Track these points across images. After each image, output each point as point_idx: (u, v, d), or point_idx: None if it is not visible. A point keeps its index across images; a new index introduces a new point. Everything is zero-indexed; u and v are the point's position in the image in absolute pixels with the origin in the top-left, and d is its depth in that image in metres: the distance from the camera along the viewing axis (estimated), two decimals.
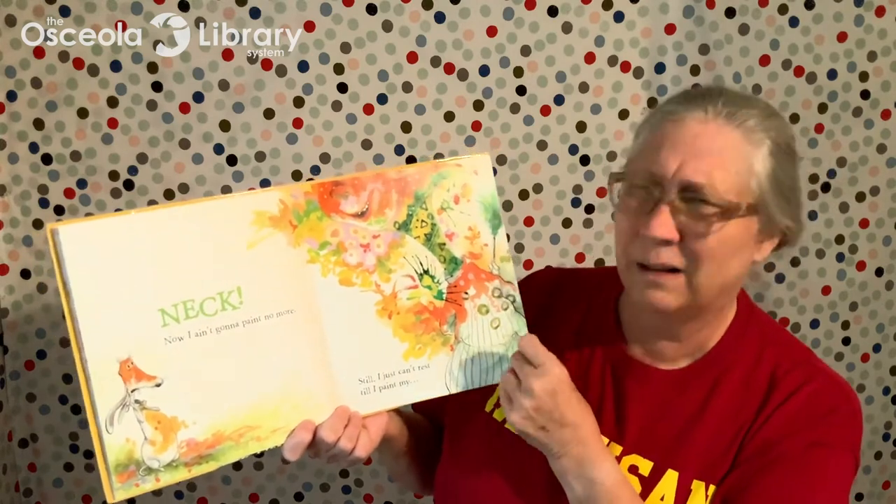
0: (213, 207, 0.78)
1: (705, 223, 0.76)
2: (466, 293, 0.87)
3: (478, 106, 1.32)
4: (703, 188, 0.76)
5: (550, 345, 0.88)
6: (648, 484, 0.82)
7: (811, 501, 0.78)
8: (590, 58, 1.31)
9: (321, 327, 0.82)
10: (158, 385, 0.75)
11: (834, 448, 0.79)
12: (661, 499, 0.81)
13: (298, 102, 1.29)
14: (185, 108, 1.28)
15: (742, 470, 0.80)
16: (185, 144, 1.29)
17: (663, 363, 0.87)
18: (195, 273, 0.77)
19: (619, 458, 0.84)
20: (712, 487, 0.80)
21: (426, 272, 0.86)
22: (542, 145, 1.34)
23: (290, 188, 0.81)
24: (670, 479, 0.81)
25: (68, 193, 1.30)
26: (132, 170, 1.30)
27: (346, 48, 1.28)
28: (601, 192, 1.36)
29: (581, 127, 1.34)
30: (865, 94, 1.36)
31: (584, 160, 1.35)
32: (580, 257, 1.39)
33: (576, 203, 1.37)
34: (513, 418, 0.80)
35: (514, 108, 1.32)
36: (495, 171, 1.33)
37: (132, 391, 0.74)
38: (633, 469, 0.83)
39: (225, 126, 1.29)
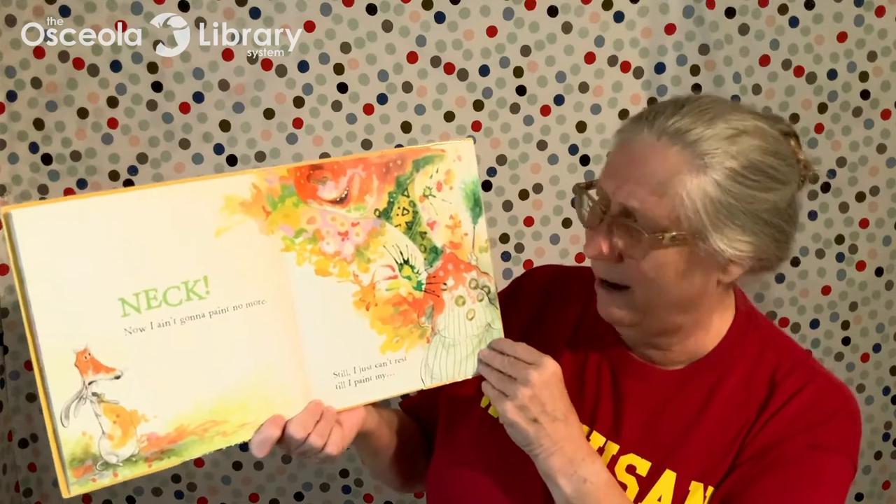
0: (178, 191, 0.74)
1: (638, 248, 0.76)
2: (445, 284, 0.85)
3: (478, 106, 1.32)
4: (636, 213, 0.75)
5: (547, 341, 0.89)
6: (646, 484, 0.82)
7: (812, 501, 0.78)
8: (590, 58, 1.31)
9: (294, 319, 0.79)
10: (118, 377, 0.72)
11: (832, 452, 0.79)
12: (659, 499, 0.81)
13: (298, 102, 1.29)
14: (185, 108, 1.28)
15: (740, 472, 0.79)
16: (185, 144, 1.29)
17: (660, 365, 0.86)
18: (158, 261, 0.73)
19: (615, 458, 0.83)
20: (710, 489, 0.80)
21: (406, 262, 0.84)
22: (542, 145, 1.34)
23: (265, 172, 0.77)
24: (668, 479, 0.81)
25: (68, 193, 1.30)
26: (132, 170, 1.30)
27: (346, 48, 1.28)
28: None
29: (581, 127, 1.34)
30: (865, 94, 1.36)
31: (584, 160, 1.35)
32: (580, 257, 1.39)
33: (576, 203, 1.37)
34: (505, 408, 0.79)
35: (514, 108, 1.32)
36: (495, 171, 1.34)
37: (89, 383, 0.71)
38: (631, 469, 0.83)
39: (225, 126, 1.29)
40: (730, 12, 1.30)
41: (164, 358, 0.74)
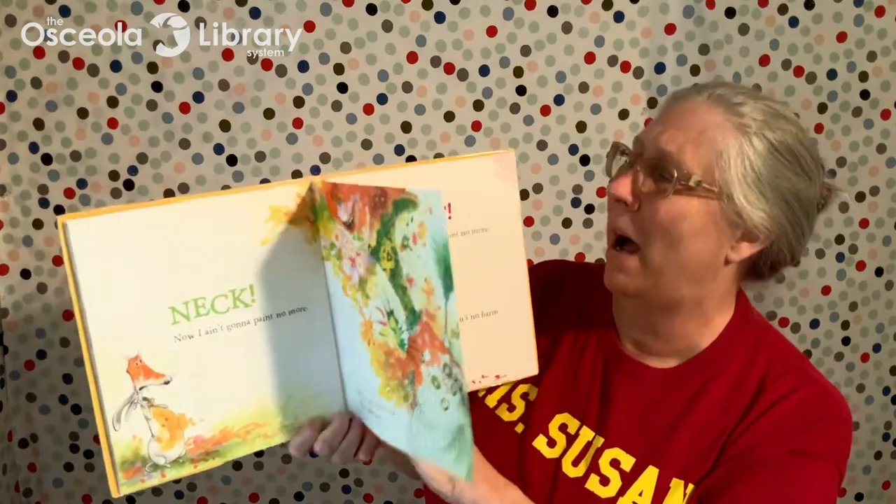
0: (226, 202, 0.76)
1: (661, 192, 0.77)
2: (423, 356, 0.71)
3: (478, 106, 1.32)
4: (671, 156, 0.77)
5: (549, 332, 0.92)
6: (628, 479, 0.82)
7: None
8: (590, 58, 1.31)
9: (333, 326, 0.81)
10: (167, 383, 0.74)
11: (816, 458, 0.78)
12: (640, 494, 0.81)
13: (298, 102, 1.29)
14: (185, 108, 1.28)
15: (721, 471, 0.79)
16: (185, 144, 1.29)
17: (654, 360, 0.87)
18: (207, 270, 0.75)
19: (600, 451, 0.84)
20: (691, 486, 0.80)
21: (391, 313, 0.73)
22: (542, 145, 1.34)
23: (306, 182, 0.79)
24: (650, 475, 0.81)
25: (68, 193, 1.30)
26: (132, 170, 1.30)
27: (346, 48, 1.28)
28: (601, 192, 1.36)
29: (581, 127, 1.34)
30: (865, 94, 1.36)
31: (584, 160, 1.35)
32: (580, 257, 1.39)
33: (576, 203, 1.37)
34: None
35: (514, 108, 1.32)
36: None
37: (140, 388, 0.73)
38: (615, 463, 0.83)
39: (225, 126, 1.29)
40: (730, 12, 1.31)
41: (210, 364, 0.76)
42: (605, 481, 0.82)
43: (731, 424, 0.80)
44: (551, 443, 0.86)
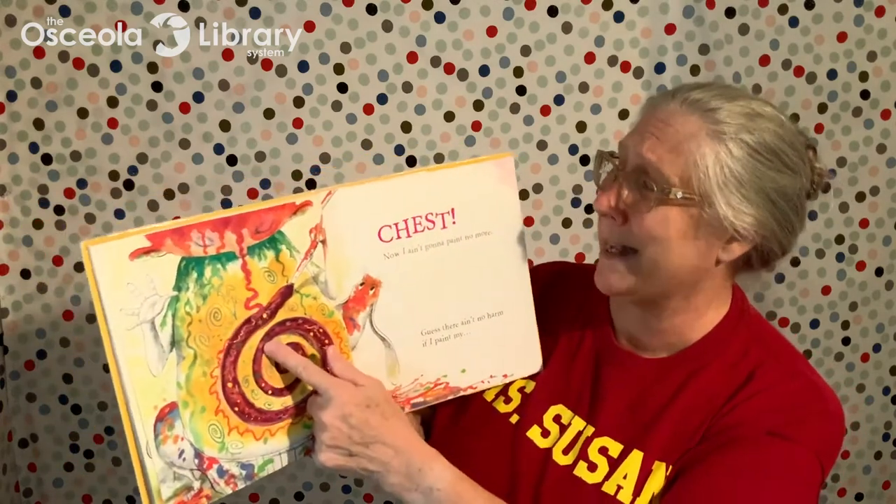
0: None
1: (645, 202, 0.78)
2: None
3: (478, 106, 1.32)
4: (651, 166, 0.78)
5: (547, 330, 0.93)
6: (615, 464, 0.83)
7: (759, 488, 0.76)
8: (590, 58, 1.31)
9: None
10: None
11: (794, 442, 0.78)
12: (625, 477, 0.82)
13: (298, 102, 1.29)
14: (185, 108, 1.28)
15: (698, 449, 0.80)
16: (185, 144, 1.29)
17: (646, 353, 0.88)
18: None
19: (590, 439, 0.85)
20: (671, 468, 0.81)
21: None
22: (542, 145, 1.34)
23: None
24: (635, 458, 0.83)
25: (68, 193, 1.30)
26: (132, 170, 1.30)
27: (346, 48, 1.28)
28: None
29: (581, 127, 1.34)
30: (865, 94, 1.36)
31: (584, 160, 1.35)
32: (580, 257, 1.39)
33: (576, 203, 1.37)
34: (320, 459, 0.78)
35: (514, 108, 1.32)
36: None
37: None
38: (604, 451, 0.84)
39: (225, 126, 1.29)
40: (730, 12, 1.30)
41: None
42: (592, 467, 0.83)
43: (716, 408, 0.81)
44: (545, 433, 0.88)
